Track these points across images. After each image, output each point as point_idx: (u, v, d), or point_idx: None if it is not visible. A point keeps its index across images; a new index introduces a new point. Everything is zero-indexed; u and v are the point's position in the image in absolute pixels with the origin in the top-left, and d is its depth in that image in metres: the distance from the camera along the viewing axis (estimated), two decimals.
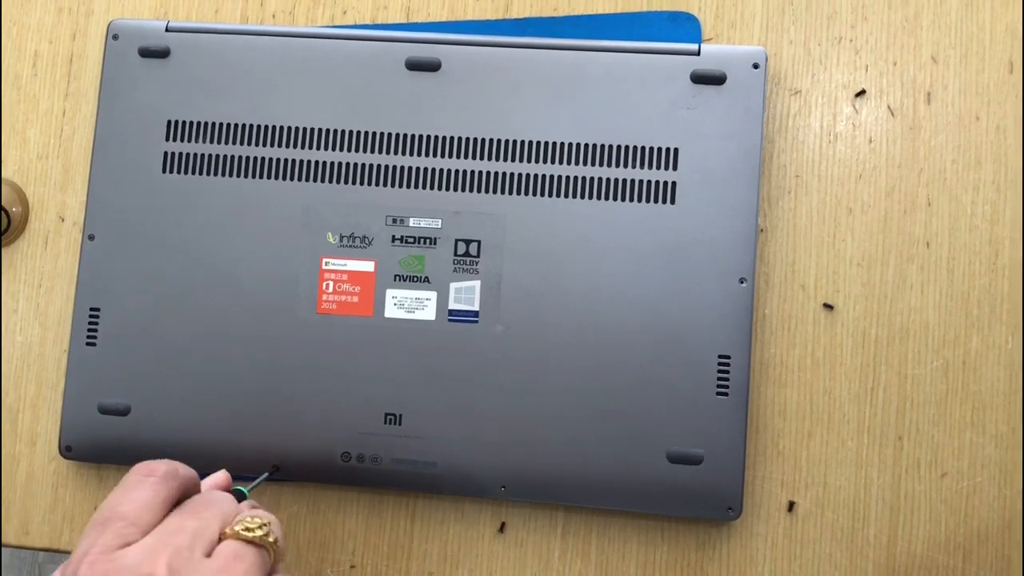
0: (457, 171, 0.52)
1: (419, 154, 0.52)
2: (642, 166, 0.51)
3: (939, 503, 0.51)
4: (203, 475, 0.53)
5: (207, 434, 0.51)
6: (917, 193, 0.52)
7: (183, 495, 0.41)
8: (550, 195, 0.51)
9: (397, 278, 0.52)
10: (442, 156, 0.52)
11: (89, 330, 0.52)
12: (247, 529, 0.39)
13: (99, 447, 0.52)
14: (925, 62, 0.53)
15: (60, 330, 0.55)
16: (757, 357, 0.52)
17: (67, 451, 0.52)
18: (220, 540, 0.39)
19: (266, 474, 0.50)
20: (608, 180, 0.51)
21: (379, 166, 0.52)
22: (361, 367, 0.51)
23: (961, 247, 0.52)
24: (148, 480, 0.39)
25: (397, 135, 0.52)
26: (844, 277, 0.52)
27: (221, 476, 0.46)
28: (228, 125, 0.53)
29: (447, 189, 0.52)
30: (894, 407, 0.51)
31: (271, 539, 0.39)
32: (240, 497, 0.45)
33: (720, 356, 0.50)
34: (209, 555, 0.38)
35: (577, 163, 0.51)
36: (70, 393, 0.52)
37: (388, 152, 0.52)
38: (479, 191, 0.52)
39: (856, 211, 0.52)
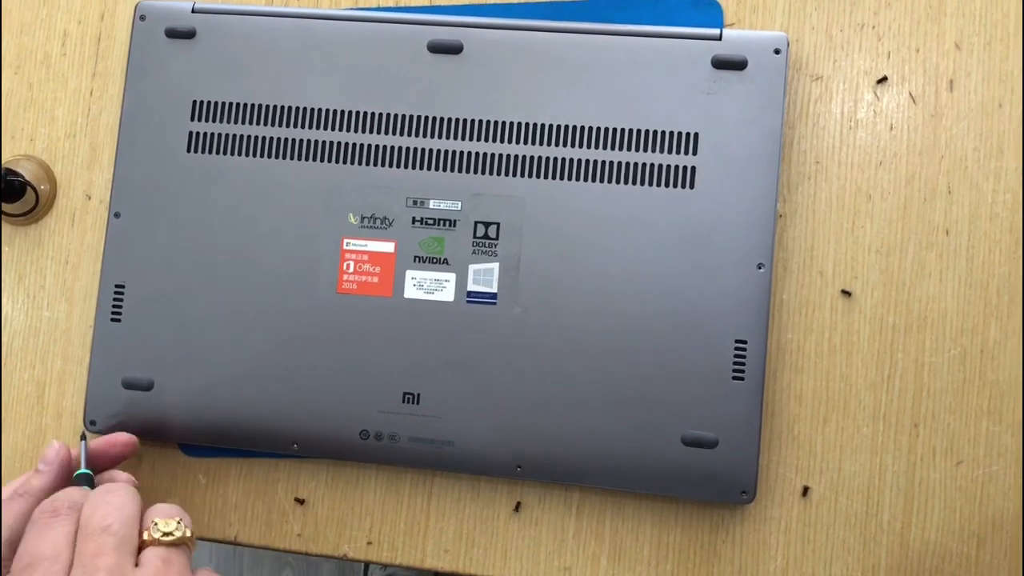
0: (478, 154, 0.52)
1: (440, 136, 0.53)
2: (662, 150, 0.51)
3: (954, 491, 0.51)
4: (218, 451, 0.54)
5: (228, 409, 0.52)
6: (938, 181, 0.52)
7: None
8: (570, 178, 0.52)
9: (417, 259, 0.52)
10: (463, 139, 0.52)
11: (114, 306, 0.53)
12: (166, 534, 0.41)
13: (123, 421, 0.53)
14: (948, 49, 0.52)
15: (86, 306, 0.56)
16: (774, 342, 0.52)
17: (91, 425, 0.53)
18: (141, 546, 0.41)
19: (84, 442, 0.49)
20: (628, 164, 0.51)
21: (400, 148, 0.53)
22: (380, 346, 0.52)
23: (981, 235, 0.51)
24: (54, 520, 0.41)
25: (419, 117, 0.53)
26: (863, 264, 0.52)
27: (58, 452, 0.47)
28: (252, 106, 0.54)
29: (467, 172, 0.52)
30: (910, 394, 0.51)
31: (188, 534, 0.42)
32: (87, 481, 0.46)
33: (737, 341, 0.50)
34: (137, 564, 0.40)
35: (597, 147, 0.52)
36: (95, 368, 0.53)
37: (409, 134, 0.53)
38: (499, 174, 0.52)
39: (876, 198, 0.52)
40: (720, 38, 0.51)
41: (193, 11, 0.55)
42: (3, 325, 0.56)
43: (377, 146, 0.53)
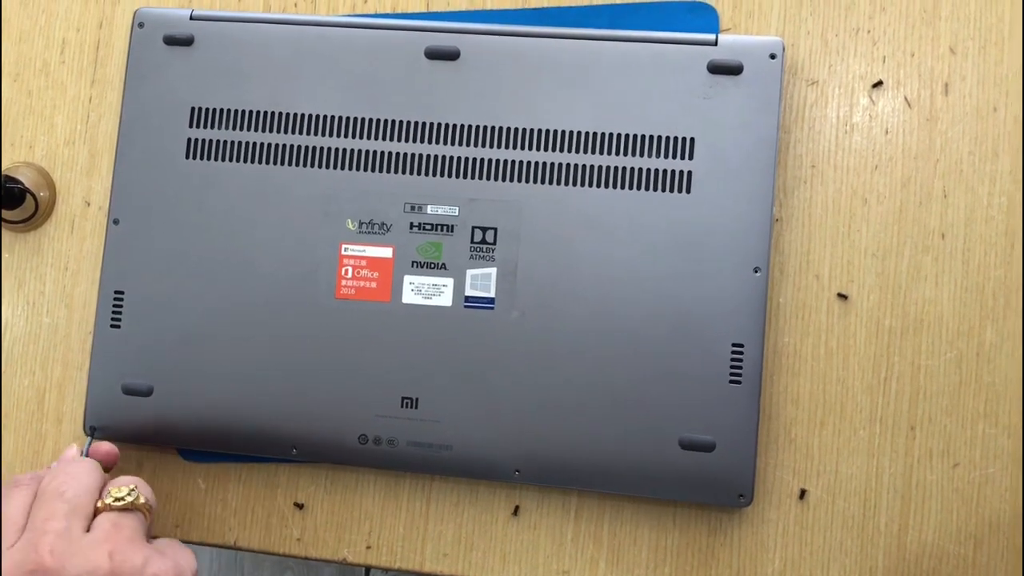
0: (475, 159, 0.52)
1: (437, 142, 0.53)
2: (658, 155, 0.51)
3: (951, 493, 0.51)
4: (218, 456, 0.54)
5: (227, 415, 0.52)
6: (933, 184, 0.52)
7: None
8: (567, 183, 0.52)
9: (414, 264, 0.52)
10: (460, 144, 0.53)
11: (113, 312, 0.54)
12: (117, 499, 0.42)
13: (122, 427, 0.53)
14: (943, 53, 0.53)
15: (85, 312, 0.56)
16: (770, 346, 0.52)
17: (92, 431, 0.54)
18: (96, 514, 0.41)
19: (90, 439, 0.52)
20: (624, 169, 0.52)
21: (398, 154, 0.53)
22: (378, 351, 0.52)
23: (977, 238, 0.52)
24: (14, 491, 0.42)
25: (416, 123, 0.53)
26: (859, 267, 0.52)
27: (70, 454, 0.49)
28: (250, 112, 0.54)
29: (464, 177, 0.52)
30: (907, 397, 0.51)
31: (141, 500, 0.42)
32: None
33: (734, 344, 0.50)
34: (89, 529, 0.41)
35: (594, 152, 0.52)
36: (95, 374, 0.54)
37: (407, 140, 0.53)
38: (496, 179, 0.52)
39: (872, 202, 0.52)
40: (716, 43, 0.52)
41: (191, 18, 0.55)
42: (3, 331, 0.57)
43: (375, 152, 0.53)
